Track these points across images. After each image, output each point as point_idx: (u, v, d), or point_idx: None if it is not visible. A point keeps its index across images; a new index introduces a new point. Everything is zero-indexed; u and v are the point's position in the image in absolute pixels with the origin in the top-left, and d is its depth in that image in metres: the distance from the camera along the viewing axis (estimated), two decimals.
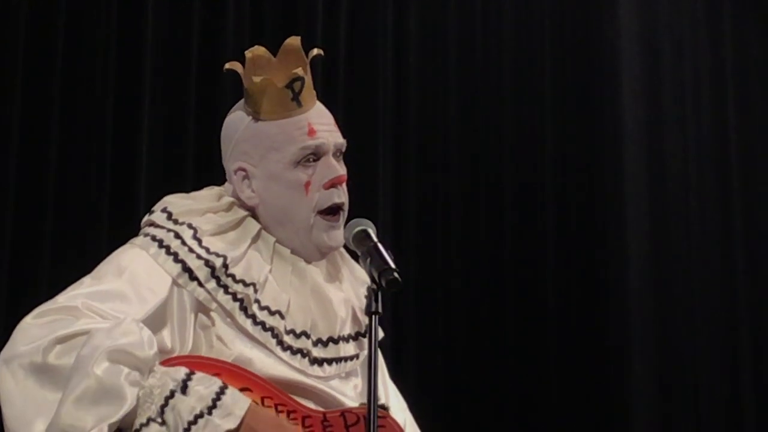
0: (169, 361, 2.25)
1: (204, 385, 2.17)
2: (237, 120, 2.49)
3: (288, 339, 2.36)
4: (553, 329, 4.91)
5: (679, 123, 5.36)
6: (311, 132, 2.43)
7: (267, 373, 2.32)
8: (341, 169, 2.44)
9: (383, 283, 2.12)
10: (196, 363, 2.26)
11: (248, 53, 2.45)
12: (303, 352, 2.37)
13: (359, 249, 2.25)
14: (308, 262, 2.45)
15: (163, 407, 2.14)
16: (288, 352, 2.36)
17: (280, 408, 2.26)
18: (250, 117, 2.46)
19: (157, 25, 4.03)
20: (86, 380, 2.10)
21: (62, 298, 2.27)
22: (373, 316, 2.11)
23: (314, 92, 2.49)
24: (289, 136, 2.43)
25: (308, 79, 2.45)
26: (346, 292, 2.49)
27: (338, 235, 2.43)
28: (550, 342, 4.89)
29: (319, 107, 2.49)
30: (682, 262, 5.25)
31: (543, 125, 5.06)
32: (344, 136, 2.49)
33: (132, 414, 2.14)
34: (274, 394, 2.28)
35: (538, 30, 5.12)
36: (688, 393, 5.13)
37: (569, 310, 4.96)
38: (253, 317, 2.35)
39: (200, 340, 2.33)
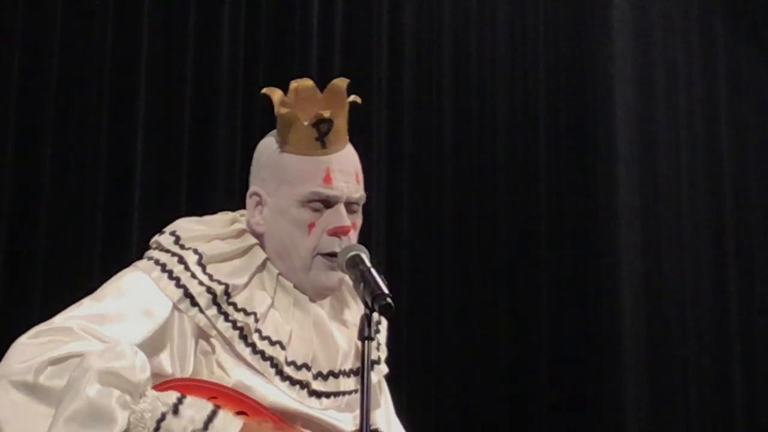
0: (168, 383, 2.25)
1: (195, 409, 2.17)
2: (267, 145, 2.48)
3: (288, 370, 2.35)
4: (546, 351, 4.90)
5: (672, 147, 5.37)
6: (327, 179, 2.41)
7: (267, 400, 2.31)
8: (347, 221, 2.41)
9: (376, 308, 2.12)
10: (193, 386, 2.25)
11: (294, 83, 2.43)
12: (302, 384, 2.36)
13: (352, 274, 2.24)
14: (311, 299, 2.44)
15: (155, 430, 2.13)
16: (287, 382, 2.35)
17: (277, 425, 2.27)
18: (277, 145, 2.44)
19: (151, 39, 4.03)
20: (77, 401, 2.10)
21: (59, 319, 2.27)
22: (367, 342, 2.10)
23: (345, 137, 2.45)
24: (305, 176, 2.40)
25: (339, 123, 2.42)
26: (351, 328, 2.47)
27: (334, 276, 2.41)
28: (542, 367, 4.88)
29: (346, 153, 2.45)
30: (674, 283, 5.26)
31: (536, 150, 5.07)
32: (366, 189, 2.46)
33: None
34: (270, 418, 2.28)
35: (532, 54, 5.14)
36: (679, 407, 5.15)
37: (563, 331, 4.96)
38: (252, 346, 2.34)
39: (201, 366, 2.33)
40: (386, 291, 2.14)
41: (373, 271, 2.20)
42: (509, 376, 4.82)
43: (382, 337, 2.54)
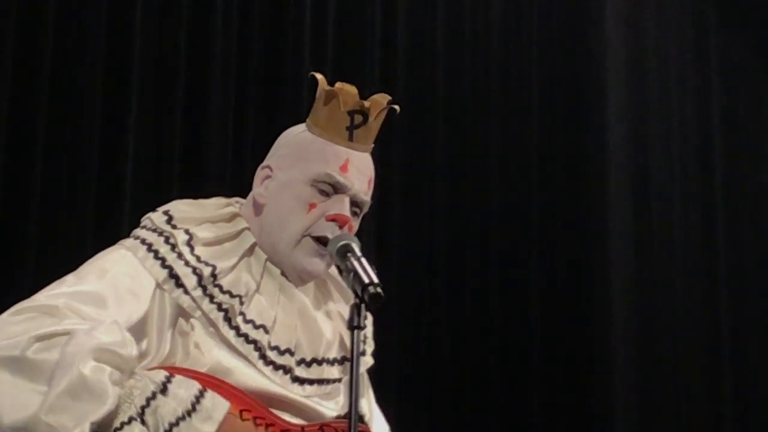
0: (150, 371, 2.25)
1: (183, 388, 2.17)
2: (294, 129, 2.52)
3: (271, 354, 2.36)
4: (537, 369, 4.90)
5: (664, 139, 5.38)
6: (344, 168, 2.44)
7: (246, 384, 2.31)
8: (349, 213, 2.42)
9: (366, 298, 2.11)
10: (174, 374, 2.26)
11: (339, 85, 2.46)
12: (285, 369, 2.37)
13: (342, 264, 2.24)
14: (297, 286, 2.45)
15: (143, 408, 2.14)
16: (270, 367, 2.36)
17: (258, 421, 2.26)
18: (305, 128, 2.48)
19: (144, 38, 4.03)
20: (71, 377, 2.09)
21: (43, 297, 2.27)
22: (356, 331, 2.11)
23: (371, 141, 2.49)
24: (323, 157, 2.43)
25: (371, 124, 2.47)
26: (335, 319, 2.48)
27: (319, 264, 2.42)
28: (533, 382, 4.88)
29: (367, 158, 2.49)
30: (664, 285, 5.27)
31: (529, 139, 5.08)
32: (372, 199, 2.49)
33: (112, 414, 2.12)
34: (252, 407, 2.28)
35: (525, 46, 5.14)
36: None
37: (553, 334, 4.95)
38: (236, 329, 2.35)
39: (177, 347, 2.33)
40: (376, 281, 2.14)
41: (363, 260, 2.20)
42: (500, 368, 4.83)
43: (368, 331, 2.56)
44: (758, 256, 5.53)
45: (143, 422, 2.13)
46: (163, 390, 2.16)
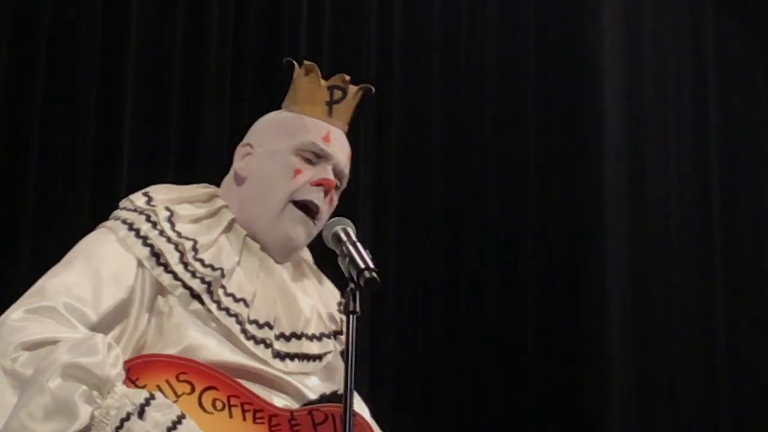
0: (137, 359, 2.26)
1: (162, 413, 2.15)
2: (270, 113, 2.60)
3: (250, 328, 2.38)
4: (533, 363, 4.88)
5: (660, 127, 5.36)
6: (326, 138, 2.52)
7: (222, 359, 2.33)
8: (333, 179, 2.50)
9: (361, 283, 2.12)
10: (163, 362, 2.26)
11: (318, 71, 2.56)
12: (266, 343, 2.39)
13: (337, 248, 2.24)
14: (276, 261, 2.49)
15: (118, 429, 2.12)
16: (251, 341, 2.38)
17: (246, 407, 2.26)
18: (283, 109, 2.58)
19: (141, 27, 4.03)
20: (39, 394, 2.09)
21: (36, 297, 2.28)
22: (351, 316, 2.10)
23: (347, 118, 2.58)
24: (305, 129, 2.51)
25: (348, 101, 2.56)
26: (312, 297, 2.52)
27: (301, 232, 2.48)
28: (528, 375, 4.87)
29: (344, 137, 2.57)
30: (661, 262, 5.26)
31: (526, 127, 5.06)
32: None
33: None
34: (240, 392, 2.28)
35: (522, 34, 5.13)
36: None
37: (549, 326, 4.94)
38: (218, 303, 2.38)
39: (150, 324, 2.36)
40: (372, 265, 2.15)
41: (359, 245, 2.21)
42: (495, 362, 4.81)
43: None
44: (755, 247, 5.52)
45: None
46: (141, 413, 2.14)
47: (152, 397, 2.16)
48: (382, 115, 4.70)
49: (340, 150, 2.54)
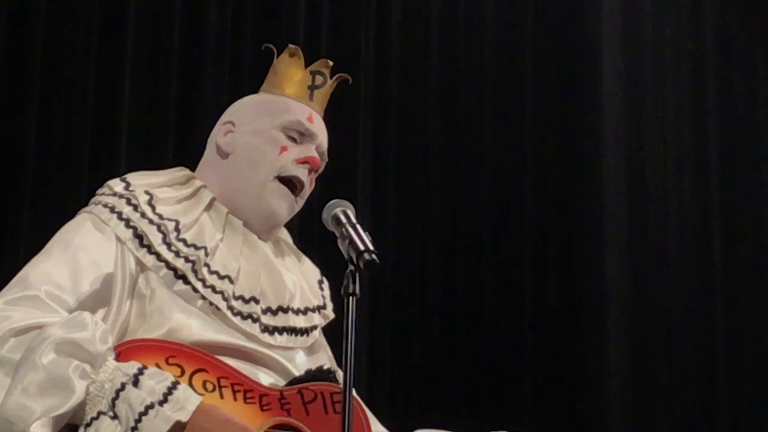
0: (126, 344, 2.27)
1: (155, 380, 2.16)
2: (250, 96, 2.64)
3: (236, 304, 2.40)
4: (529, 353, 4.88)
5: (658, 112, 5.35)
6: (310, 119, 2.57)
7: (206, 338, 2.34)
8: (318, 157, 2.56)
9: (360, 265, 2.12)
10: (151, 346, 2.26)
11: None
12: (253, 317, 2.41)
13: (337, 230, 2.24)
14: (259, 237, 2.52)
15: (114, 400, 2.13)
16: (238, 317, 2.40)
17: (236, 387, 2.27)
18: (263, 91, 2.62)
19: (138, 11, 4.02)
20: (33, 371, 2.10)
21: (19, 287, 2.29)
22: (351, 298, 2.09)
23: (324, 104, 2.63)
24: (290, 109, 2.56)
25: (327, 88, 2.62)
26: (294, 273, 2.56)
27: (285, 207, 2.52)
28: (527, 378, 4.87)
29: (322, 121, 2.62)
30: (659, 244, 5.25)
31: (524, 113, 5.05)
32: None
33: (82, 408, 2.13)
34: (230, 374, 2.29)
35: (520, 20, 5.12)
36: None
37: (545, 317, 4.93)
38: (203, 281, 2.39)
39: (132, 308, 2.36)
40: (371, 247, 2.14)
41: (358, 227, 2.21)
42: (491, 350, 4.80)
43: (326, 294, 2.64)
44: (755, 234, 5.51)
45: (114, 415, 2.12)
46: (135, 382, 2.15)
47: (145, 367, 2.18)
48: (382, 98, 4.71)
49: (321, 132, 2.59)
